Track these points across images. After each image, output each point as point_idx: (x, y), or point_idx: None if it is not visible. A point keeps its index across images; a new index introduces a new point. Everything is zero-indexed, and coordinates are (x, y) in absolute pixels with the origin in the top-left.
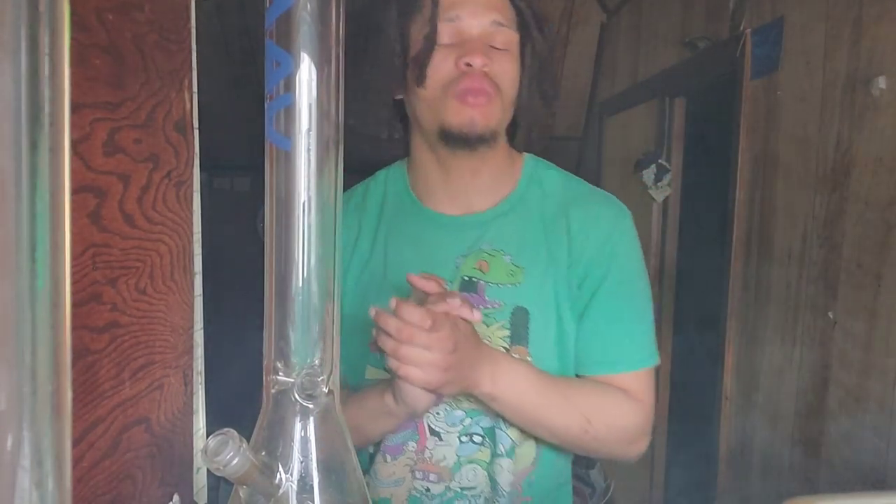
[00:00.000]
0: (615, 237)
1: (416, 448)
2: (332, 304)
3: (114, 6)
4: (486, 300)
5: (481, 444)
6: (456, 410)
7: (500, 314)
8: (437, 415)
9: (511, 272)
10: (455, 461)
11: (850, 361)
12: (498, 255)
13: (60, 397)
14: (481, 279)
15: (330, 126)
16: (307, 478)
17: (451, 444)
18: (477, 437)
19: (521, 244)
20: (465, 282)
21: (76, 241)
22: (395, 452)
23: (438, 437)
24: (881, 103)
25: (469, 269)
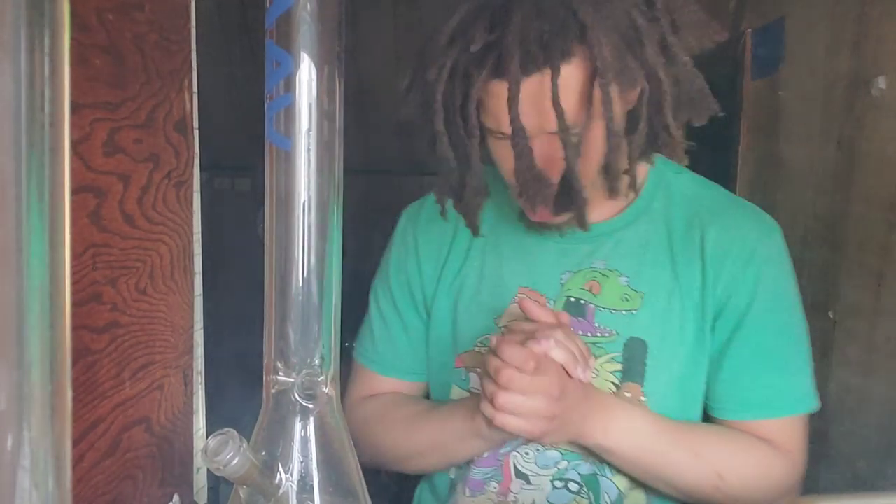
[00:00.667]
0: (761, 258)
1: (498, 489)
2: (333, 304)
3: (114, 6)
4: (596, 327)
5: (578, 493)
6: (549, 451)
7: (611, 345)
8: (525, 455)
9: (627, 297)
10: None
11: (851, 361)
12: (612, 275)
13: (60, 397)
14: (590, 302)
15: (330, 126)
16: (307, 478)
17: (541, 488)
18: (574, 484)
19: (641, 264)
20: (571, 303)
21: (76, 241)
22: (476, 489)
23: (526, 480)
24: (883, 103)
25: (576, 290)
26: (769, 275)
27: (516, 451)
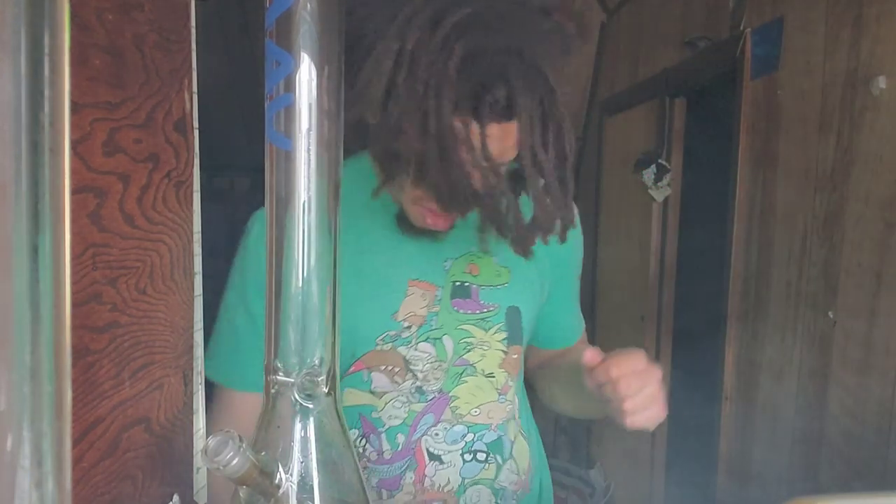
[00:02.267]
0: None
1: (413, 478)
2: (333, 304)
3: (114, 6)
4: (482, 304)
5: (485, 462)
6: (456, 426)
7: (496, 317)
8: (435, 435)
9: (498, 273)
10: (459, 483)
11: (850, 361)
12: (486, 256)
13: (60, 397)
14: (473, 283)
15: (330, 126)
16: (307, 478)
17: (453, 464)
18: (481, 453)
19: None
20: (457, 287)
21: (76, 241)
22: (392, 487)
23: (439, 461)
24: (881, 103)
25: (459, 273)
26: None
27: (426, 435)
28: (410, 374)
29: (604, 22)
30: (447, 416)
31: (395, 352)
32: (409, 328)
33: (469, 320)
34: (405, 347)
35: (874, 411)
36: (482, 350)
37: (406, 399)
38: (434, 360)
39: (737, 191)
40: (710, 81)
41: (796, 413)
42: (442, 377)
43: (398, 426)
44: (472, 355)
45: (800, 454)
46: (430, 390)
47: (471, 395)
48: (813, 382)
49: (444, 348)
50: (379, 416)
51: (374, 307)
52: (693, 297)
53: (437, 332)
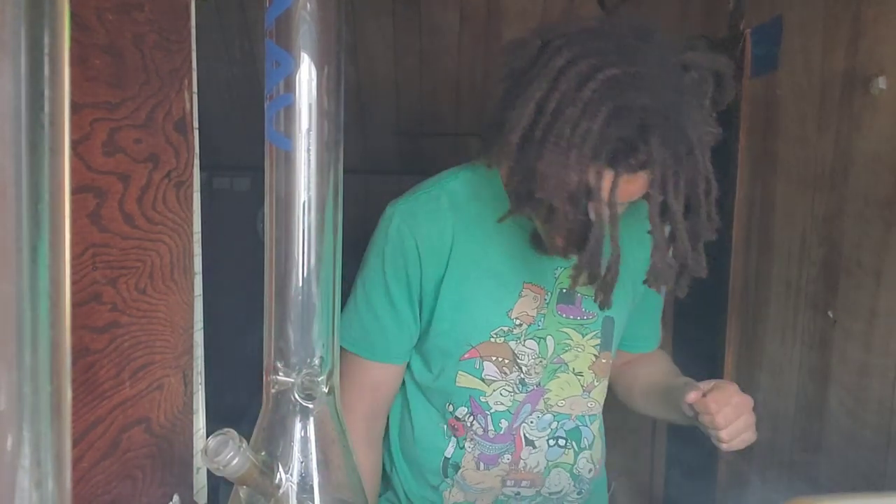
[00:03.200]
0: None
1: (510, 459)
2: (332, 304)
3: (114, 6)
4: (583, 311)
5: (565, 447)
6: (545, 415)
7: (593, 325)
8: (531, 423)
9: None
10: (545, 466)
11: (850, 361)
12: None
13: (60, 397)
14: (578, 292)
15: (330, 126)
16: (307, 478)
17: (542, 449)
18: (562, 440)
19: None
20: (563, 293)
21: (76, 241)
22: (490, 463)
23: (532, 446)
24: (880, 102)
25: (566, 282)
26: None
27: (524, 423)
28: (517, 366)
29: None
30: (540, 406)
31: (506, 345)
32: (521, 326)
33: (570, 324)
34: (515, 342)
35: (874, 411)
36: (577, 352)
37: (511, 389)
38: (536, 356)
39: (736, 190)
40: None
41: (796, 413)
42: (541, 372)
43: (503, 412)
44: (568, 355)
45: (800, 454)
46: (530, 383)
47: (560, 388)
48: (813, 382)
49: (546, 347)
50: (486, 400)
51: (493, 303)
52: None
53: (542, 331)
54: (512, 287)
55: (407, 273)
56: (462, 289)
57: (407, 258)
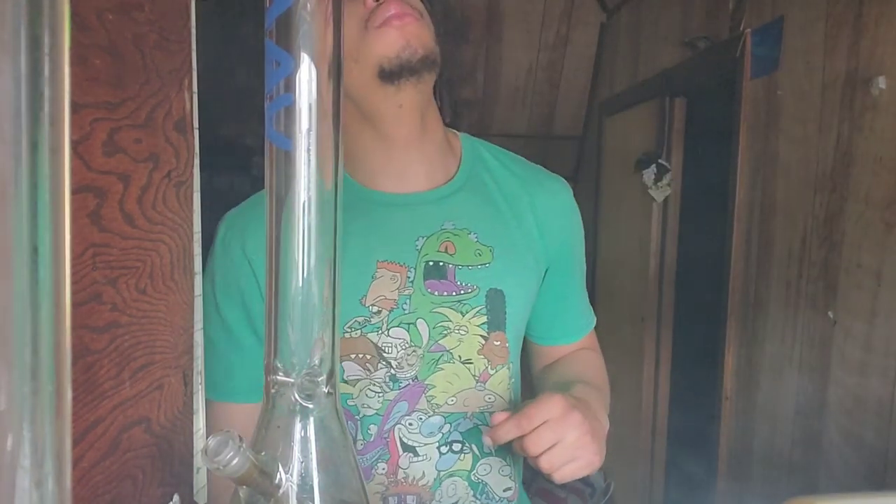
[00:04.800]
0: (574, 214)
1: (386, 469)
2: (333, 304)
3: (114, 6)
4: (458, 285)
5: (461, 452)
6: (433, 417)
7: (474, 299)
8: (409, 426)
9: (479, 252)
10: (435, 477)
11: (850, 361)
12: (463, 234)
13: (60, 397)
14: (449, 262)
15: (330, 126)
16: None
17: (429, 457)
18: (456, 444)
19: (484, 221)
20: (431, 267)
21: (76, 241)
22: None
23: (413, 453)
24: (881, 103)
25: (433, 252)
26: (578, 225)
27: (399, 424)
28: (383, 361)
29: (604, 22)
30: (422, 405)
31: (364, 339)
32: (379, 313)
33: (445, 303)
34: (375, 334)
35: (874, 411)
36: (459, 335)
37: (380, 388)
38: (408, 345)
39: (737, 191)
40: (710, 81)
41: (796, 413)
42: (417, 363)
43: (371, 416)
44: (449, 340)
45: (800, 454)
46: (404, 377)
47: (447, 382)
48: (813, 382)
49: (419, 333)
50: (355, 403)
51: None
52: (693, 297)
53: (410, 316)
54: (362, 269)
55: (239, 288)
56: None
57: (238, 270)
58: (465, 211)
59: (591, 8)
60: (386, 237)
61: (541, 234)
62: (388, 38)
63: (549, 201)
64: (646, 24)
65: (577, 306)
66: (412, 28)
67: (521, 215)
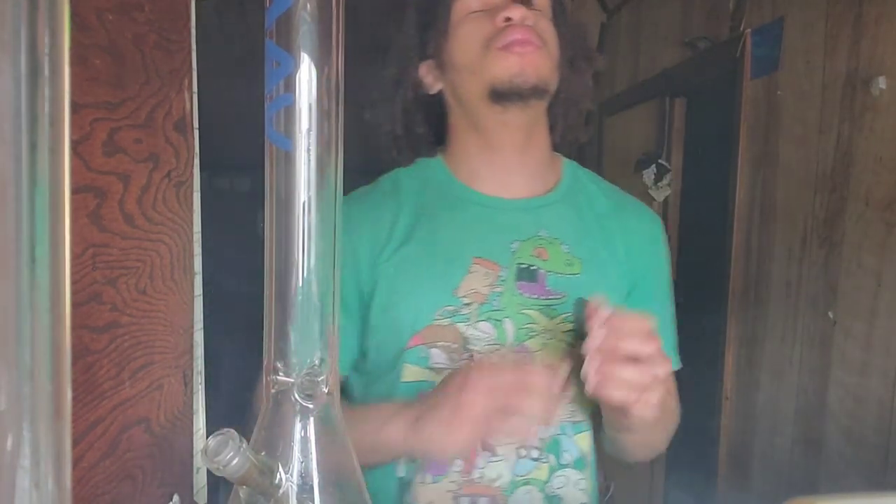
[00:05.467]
0: (660, 245)
1: (462, 468)
2: (333, 304)
3: (114, 6)
4: (548, 290)
5: (538, 459)
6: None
7: (562, 306)
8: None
9: (569, 262)
10: (510, 481)
11: (850, 361)
12: (556, 243)
13: (60, 397)
14: (541, 267)
15: (330, 126)
16: (307, 478)
17: (507, 459)
18: (535, 450)
19: (578, 234)
20: (523, 269)
21: (76, 241)
22: (439, 472)
23: (492, 452)
24: (881, 103)
25: (526, 256)
26: (664, 258)
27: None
28: (468, 352)
29: (604, 22)
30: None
31: (453, 328)
32: (470, 305)
33: (533, 305)
34: (465, 324)
35: (874, 411)
36: (544, 338)
37: None
38: (493, 341)
39: (737, 191)
40: (710, 81)
41: (796, 413)
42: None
43: None
44: (534, 342)
45: (800, 454)
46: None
47: None
48: (813, 382)
49: (505, 331)
50: None
51: (436, 282)
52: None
53: (498, 313)
54: (457, 263)
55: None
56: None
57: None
58: (559, 222)
59: (591, 8)
60: (482, 236)
61: (626, 257)
62: (506, 62)
63: (637, 228)
64: (646, 24)
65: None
66: (531, 57)
67: (610, 236)
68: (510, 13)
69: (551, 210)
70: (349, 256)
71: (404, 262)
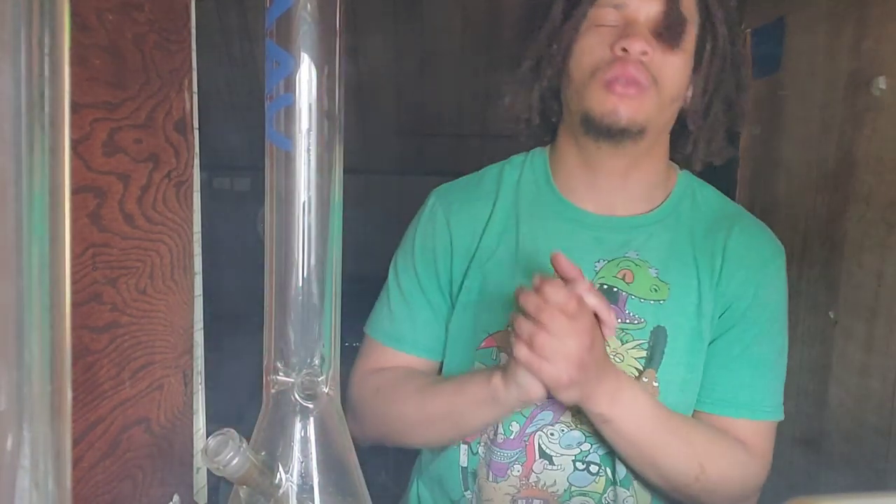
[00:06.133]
0: (770, 270)
1: (521, 472)
2: (332, 304)
3: (114, 6)
4: (626, 314)
5: (597, 475)
6: (573, 431)
7: (639, 332)
8: (550, 435)
9: (656, 287)
10: (566, 489)
11: (851, 361)
12: (644, 265)
13: (60, 397)
14: (623, 290)
15: (330, 126)
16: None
17: (563, 468)
18: (594, 466)
19: (669, 258)
20: (604, 290)
21: (76, 241)
22: (500, 473)
23: (549, 461)
24: (882, 103)
25: (610, 277)
26: (773, 287)
27: (541, 431)
28: None
29: None
30: (566, 418)
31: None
32: None
33: None
34: None
35: (874, 411)
36: (614, 360)
37: None
38: None
39: (737, 191)
40: None
41: (796, 413)
42: None
43: (515, 415)
44: None
45: (800, 454)
46: None
47: None
48: (813, 382)
49: None
50: None
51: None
52: None
53: None
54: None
55: (435, 254)
56: (490, 271)
57: (437, 238)
58: (652, 245)
59: None
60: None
61: (722, 281)
62: (603, 98)
63: (740, 244)
64: None
65: (745, 380)
66: (630, 102)
67: (707, 256)
68: (627, 43)
69: (646, 230)
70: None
71: (494, 264)
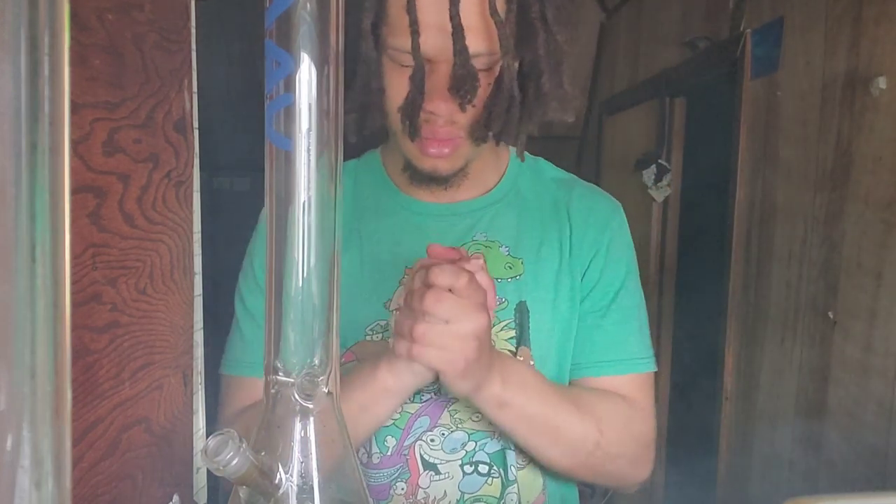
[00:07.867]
0: (614, 226)
1: (406, 490)
2: (333, 304)
3: (114, 6)
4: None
5: (488, 475)
6: (455, 433)
7: (503, 313)
8: (431, 441)
9: (510, 265)
10: (458, 498)
11: (850, 361)
12: (494, 246)
13: (60, 397)
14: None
15: (330, 126)
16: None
17: (451, 475)
18: (483, 465)
19: (518, 234)
20: None
21: (76, 241)
22: (380, 496)
23: (435, 471)
24: (881, 103)
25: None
26: (622, 242)
27: (421, 440)
28: None
29: (603, 22)
30: (445, 420)
31: (385, 343)
32: None
33: None
34: None
35: (874, 411)
36: None
37: None
38: None
39: (737, 191)
40: (710, 81)
41: (796, 413)
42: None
43: (388, 428)
44: None
45: (800, 454)
46: (426, 389)
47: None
48: (813, 382)
49: None
50: None
51: (367, 294)
52: (693, 297)
53: None
54: (389, 274)
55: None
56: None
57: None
58: (497, 223)
59: (591, 8)
60: (414, 244)
61: (574, 247)
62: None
63: (583, 210)
64: (646, 24)
65: (615, 336)
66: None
67: (555, 225)
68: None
69: (489, 211)
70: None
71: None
